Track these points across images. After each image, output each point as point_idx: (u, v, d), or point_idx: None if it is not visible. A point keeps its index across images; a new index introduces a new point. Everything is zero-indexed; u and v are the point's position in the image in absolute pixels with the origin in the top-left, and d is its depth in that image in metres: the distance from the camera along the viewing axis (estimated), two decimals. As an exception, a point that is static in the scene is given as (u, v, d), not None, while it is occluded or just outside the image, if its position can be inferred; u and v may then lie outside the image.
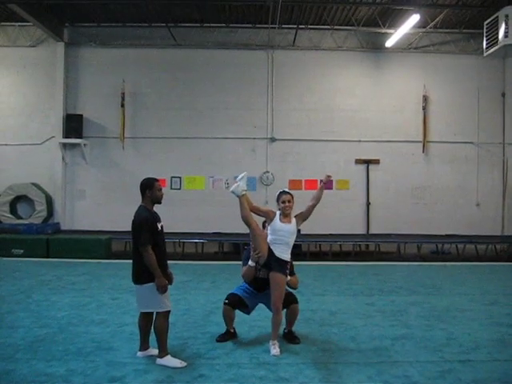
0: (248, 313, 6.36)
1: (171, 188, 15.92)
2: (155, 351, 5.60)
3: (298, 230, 6.18)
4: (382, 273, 11.37)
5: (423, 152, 16.27)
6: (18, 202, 15.95)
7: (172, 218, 15.17)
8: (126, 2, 14.28)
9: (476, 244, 14.94)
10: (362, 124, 16.26)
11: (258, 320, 6.80)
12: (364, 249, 15.77)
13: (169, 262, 5.71)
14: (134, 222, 5.47)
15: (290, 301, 6.14)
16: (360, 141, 16.25)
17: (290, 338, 6.23)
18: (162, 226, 5.60)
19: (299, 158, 16.22)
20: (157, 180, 5.68)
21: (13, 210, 15.77)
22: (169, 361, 5.38)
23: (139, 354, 5.65)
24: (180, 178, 16.15)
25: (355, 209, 16.33)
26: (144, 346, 5.69)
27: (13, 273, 10.81)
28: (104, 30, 16.13)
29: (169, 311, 5.51)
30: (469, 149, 16.41)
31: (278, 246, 5.93)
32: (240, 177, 5.89)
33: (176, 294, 8.40)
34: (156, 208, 5.68)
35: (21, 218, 15.74)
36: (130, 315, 7.24)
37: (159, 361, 5.41)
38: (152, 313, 5.59)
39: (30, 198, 15.69)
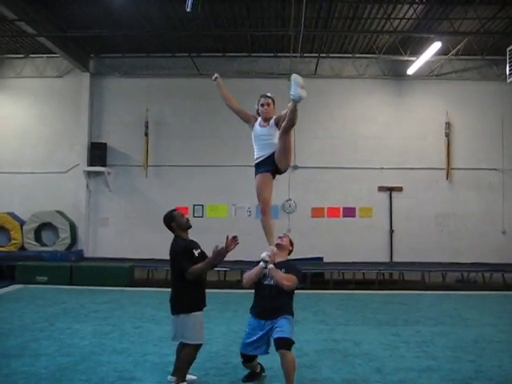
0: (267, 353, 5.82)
1: (194, 216, 15.93)
2: (189, 377, 5.59)
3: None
4: (407, 302, 11.18)
5: (447, 179, 16.11)
6: (42, 229, 16.13)
7: (194, 245, 15.26)
8: (149, 34, 14.56)
9: (503, 272, 14.63)
10: (384, 151, 16.20)
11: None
12: (388, 277, 15.54)
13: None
14: (171, 252, 5.58)
15: (281, 344, 5.34)
16: (383, 168, 16.18)
17: None
18: (199, 253, 5.65)
19: (322, 185, 16.17)
20: (175, 210, 5.91)
21: (37, 238, 15.94)
22: None
23: (169, 378, 5.62)
24: (202, 205, 16.20)
25: (378, 236, 16.15)
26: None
27: (36, 300, 10.88)
28: (128, 60, 16.46)
29: (201, 344, 5.50)
30: (493, 175, 16.20)
31: (264, 149, 6.20)
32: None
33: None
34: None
35: (45, 245, 15.90)
36: (153, 344, 7.21)
37: None
38: None
39: (55, 225, 15.87)
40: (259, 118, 5.96)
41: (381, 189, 16.22)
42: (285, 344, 5.34)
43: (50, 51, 15.16)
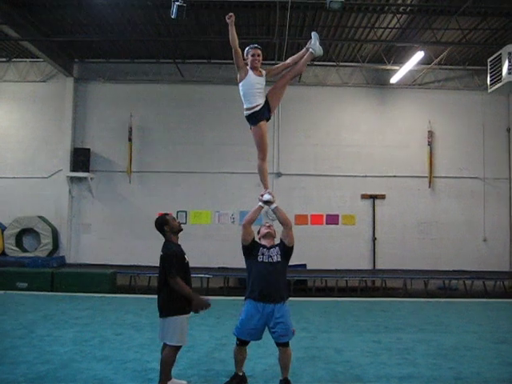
0: (259, 339, 5.89)
1: (177, 222, 15.89)
2: (179, 382, 5.70)
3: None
4: (389, 309, 11.23)
5: (429, 187, 16.26)
6: (23, 234, 15.95)
7: (177, 252, 15.20)
8: (134, 39, 14.54)
9: (484, 280, 14.77)
10: (367, 159, 16.31)
11: (262, 357, 6.71)
12: (370, 284, 15.61)
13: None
14: (163, 255, 5.65)
15: (283, 344, 5.73)
16: (366, 176, 16.28)
17: None
18: (187, 260, 5.79)
19: (305, 192, 16.22)
20: (167, 214, 6.06)
21: (18, 243, 15.76)
22: None
23: None
24: (186, 212, 16.14)
25: (361, 244, 16.24)
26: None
27: (16, 306, 10.75)
28: (112, 65, 16.39)
29: (180, 346, 5.58)
30: (475, 184, 16.39)
31: (259, 97, 6.05)
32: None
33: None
34: (162, 242, 5.75)
35: (26, 251, 15.72)
36: (134, 351, 7.16)
37: None
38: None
39: (36, 230, 15.70)
40: (249, 69, 6.11)
41: (364, 196, 16.31)
42: (287, 343, 5.74)
43: (34, 55, 15.06)
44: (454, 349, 7.67)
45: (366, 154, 16.32)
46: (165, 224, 5.78)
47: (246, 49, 6.18)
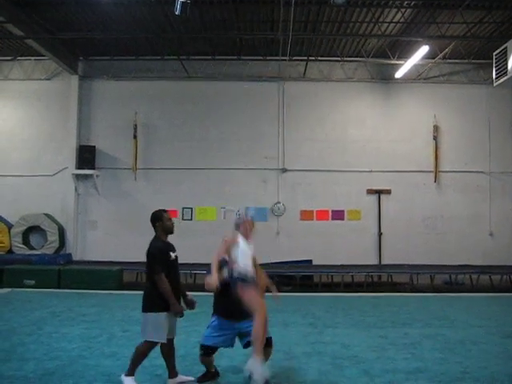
0: (231, 347, 5.96)
1: (183, 219, 15.94)
2: (185, 378, 5.78)
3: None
4: (395, 304, 11.23)
5: (435, 181, 16.22)
6: (30, 232, 16.03)
7: (183, 248, 15.07)
8: (138, 36, 14.54)
9: (490, 274, 14.73)
10: (373, 154, 16.29)
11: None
12: (376, 280, 15.59)
13: (180, 293, 5.72)
14: (148, 252, 5.63)
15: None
16: (371, 171, 16.26)
17: None
18: (176, 256, 5.75)
19: (310, 188, 16.22)
20: (165, 211, 5.87)
21: (25, 241, 15.84)
22: (127, 382, 5.45)
23: (170, 381, 5.73)
24: (191, 208, 16.18)
25: (367, 239, 16.23)
26: (172, 373, 5.78)
27: (24, 304, 10.80)
28: (117, 63, 16.42)
29: (156, 343, 5.55)
30: (480, 178, 16.34)
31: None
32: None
33: (187, 326, 8.34)
34: (168, 238, 5.77)
35: (33, 249, 15.81)
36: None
37: (122, 377, 5.52)
38: (172, 339, 5.73)
39: (43, 228, 15.78)
40: (240, 239, 5.76)
41: (369, 192, 16.30)
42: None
43: (39, 53, 15.07)
44: (460, 343, 7.66)
45: (371, 149, 16.29)
46: (158, 220, 5.73)
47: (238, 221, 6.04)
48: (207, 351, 5.80)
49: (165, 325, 5.51)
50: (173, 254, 5.69)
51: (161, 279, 5.43)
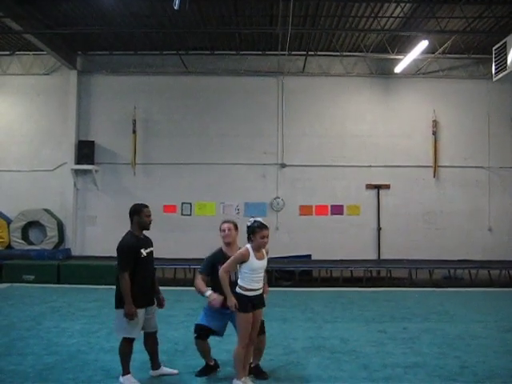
0: (221, 335, 6.04)
1: (182, 214, 15.91)
2: (168, 370, 5.89)
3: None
4: (394, 299, 11.26)
5: (434, 177, 16.21)
6: (29, 227, 16.01)
7: (183, 244, 15.22)
8: (137, 31, 14.51)
9: (489, 269, 14.75)
10: (372, 149, 16.27)
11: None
12: (375, 274, 15.59)
13: (180, 288, 5.76)
14: (118, 247, 5.64)
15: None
16: (370, 166, 16.25)
17: (257, 372, 5.84)
18: (149, 252, 5.73)
19: (310, 183, 16.22)
20: (146, 206, 5.87)
21: (24, 236, 15.83)
22: (125, 380, 5.54)
23: (151, 372, 5.88)
24: (191, 204, 16.16)
25: (366, 234, 16.24)
26: (154, 365, 5.88)
27: (23, 299, 10.82)
28: (116, 57, 16.38)
29: (133, 339, 5.61)
30: (480, 173, 16.34)
31: (258, 282, 5.50)
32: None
33: (186, 320, 8.38)
34: (167, 234, 5.78)
35: (32, 244, 15.80)
36: (141, 343, 7.16)
37: (120, 378, 5.58)
38: (154, 333, 5.85)
39: (42, 223, 15.76)
40: (250, 251, 5.50)
41: (368, 187, 16.29)
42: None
43: (37, 48, 15.02)
44: (459, 338, 7.69)
45: (370, 144, 16.28)
46: (136, 214, 5.73)
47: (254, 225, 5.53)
48: (200, 332, 5.83)
49: (138, 320, 5.52)
50: (144, 251, 5.66)
51: (122, 277, 5.45)
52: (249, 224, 5.52)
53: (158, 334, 6.00)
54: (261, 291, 5.50)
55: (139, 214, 5.72)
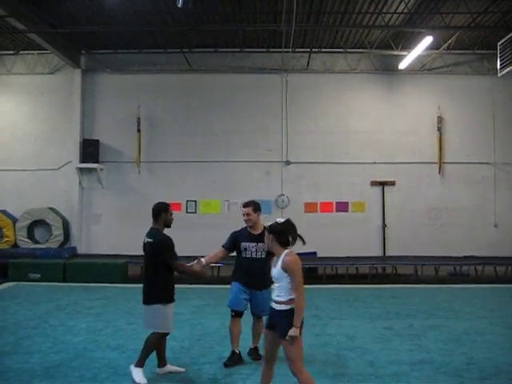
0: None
1: (187, 212, 15.93)
2: (174, 368, 5.90)
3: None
4: (400, 296, 11.25)
5: (439, 173, 16.16)
6: (35, 226, 16.05)
7: (187, 241, 15.17)
8: (141, 29, 14.51)
9: (495, 266, 14.72)
10: (376, 146, 16.23)
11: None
12: (381, 271, 15.59)
13: (185, 286, 5.84)
14: (154, 243, 5.68)
15: (259, 316, 6.22)
16: (375, 163, 16.21)
17: (255, 355, 6.32)
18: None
19: (314, 180, 16.19)
20: (169, 204, 6.05)
21: (30, 235, 15.88)
22: (136, 372, 5.55)
23: (158, 370, 5.88)
24: (195, 201, 16.18)
25: (371, 231, 16.20)
26: (161, 363, 5.89)
27: (29, 297, 10.86)
28: (120, 56, 16.38)
29: (166, 333, 5.76)
30: (485, 169, 16.27)
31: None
32: None
33: (192, 318, 8.39)
34: (171, 232, 5.80)
35: (38, 243, 15.85)
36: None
37: (131, 367, 5.63)
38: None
39: (47, 222, 15.81)
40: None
41: (373, 183, 16.26)
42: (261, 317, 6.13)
43: (41, 48, 15.05)
44: (465, 334, 7.68)
45: (375, 141, 16.23)
46: (164, 211, 5.84)
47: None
48: (238, 313, 6.27)
49: (171, 315, 5.67)
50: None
51: (176, 265, 5.70)
52: (280, 227, 4.94)
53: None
54: None
55: (166, 212, 5.85)
